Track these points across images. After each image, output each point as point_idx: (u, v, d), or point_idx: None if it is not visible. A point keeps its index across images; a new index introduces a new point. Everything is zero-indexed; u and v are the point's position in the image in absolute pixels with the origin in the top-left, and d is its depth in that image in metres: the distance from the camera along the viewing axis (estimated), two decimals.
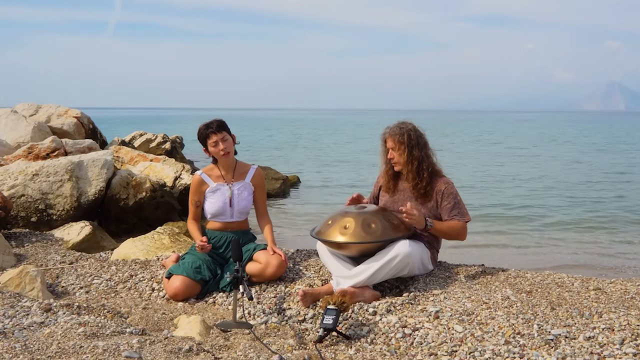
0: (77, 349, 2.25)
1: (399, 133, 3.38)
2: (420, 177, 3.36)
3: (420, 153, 3.37)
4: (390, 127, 3.47)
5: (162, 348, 2.33)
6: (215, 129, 3.48)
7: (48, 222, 5.68)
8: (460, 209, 3.37)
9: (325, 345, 2.65)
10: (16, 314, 2.68)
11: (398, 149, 3.38)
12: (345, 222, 3.23)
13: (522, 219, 8.51)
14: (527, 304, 2.88)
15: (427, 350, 2.54)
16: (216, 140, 3.48)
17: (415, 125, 3.47)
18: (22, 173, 5.81)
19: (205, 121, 3.56)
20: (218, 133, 3.48)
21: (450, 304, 2.91)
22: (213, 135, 3.48)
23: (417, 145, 3.37)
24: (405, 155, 3.35)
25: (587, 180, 13.16)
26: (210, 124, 3.51)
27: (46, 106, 9.56)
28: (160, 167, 7.95)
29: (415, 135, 3.39)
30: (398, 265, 3.15)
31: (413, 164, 3.36)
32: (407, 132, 3.38)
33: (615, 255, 6.40)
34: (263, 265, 3.36)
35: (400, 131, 3.39)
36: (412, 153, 3.35)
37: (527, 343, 2.48)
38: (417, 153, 3.36)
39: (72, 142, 7.29)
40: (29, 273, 3.27)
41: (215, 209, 3.56)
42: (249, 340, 2.60)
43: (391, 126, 3.47)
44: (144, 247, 4.40)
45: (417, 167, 3.35)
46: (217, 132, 3.48)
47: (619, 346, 2.40)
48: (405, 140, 3.35)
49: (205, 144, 3.54)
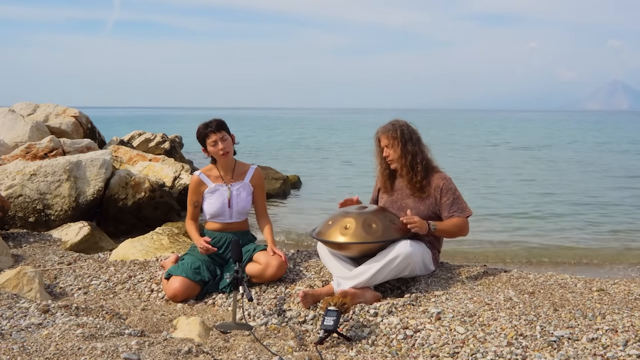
0: (75, 351, 2.24)
1: (392, 129, 3.42)
2: (414, 171, 3.38)
3: (413, 147, 3.40)
4: (383, 125, 3.50)
5: (161, 350, 2.32)
6: (214, 128, 3.46)
7: (46, 223, 5.65)
8: (459, 205, 3.37)
9: (326, 346, 2.64)
10: (14, 315, 2.67)
11: (392, 145, 3.41)
12: (345, 222, 3.22)
13: (526, 219, 8.47)
14: (530, 305, 2.87)
15: (428, 352, 2.53)
16: (215, 139, 3.46)
17: (407, 122, 3.50)
18: (19, 173, 5.79)
19: (205, 120, 3.53)
20: (217, 132, 3.46)
21: (452, 305, 2.90)
22: (212, 135, 3.46)
23: (410, 140, 3.40)
24: (399, 149, 3.38)
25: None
26: (209, 123, 3.48)
27: (44, 105, 9.53)
28: (159, 166, 7.93)
29: (407, 130, 3.43)
30: (399, 266, 3.13)
31: (407, 158, 3.38)
32: (400, 128, 3.42)
33: (619, 256, 6.37)
34: (263, 266, 3.35)
35: (392, 127, 3.43)
36: (406, 147, 3.38)
37: (529, 344, 2.47)
38: (410, 147, 3.39)
39: (70, 142, 7.26)
40: (26, 274, 3.26)
41: (214, 210, 3.54)
42: (249, 342, 2.60)
43: (383, 125, 3.50)
44: (142, 247, 4.38)
45: (411, 161, 3.38)
46: (217, 132, 3.46)
47: (622, 347, 2.40)
48: (399, 135, 3.39)
49: (204, 144, 3.51)
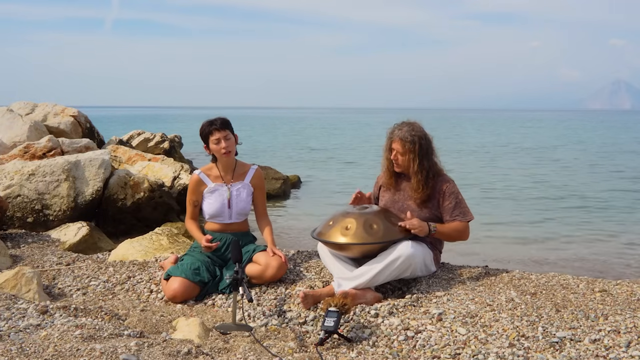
0: (74, 352, 2.23)
1: (410, 140, 3.28)
2: (427, 186, 3.32)
3: (428, 162, 3.32)
4: (401, 128, 3.34)
5: (161, 351, 2.30)
6: (219, 126, 3.44)
7: (44, 223, 5.63)
8: (462, 209, 3.34)
9: (327, 348, 2.63)
10: (12, 316, 2.66)
11: (407, 159, 3.31)
12: (346, 222, 3.20)
13: (530, 219, 8.45)
14: (532, 305, 2.86)
15: (430, 353, 2.52)
16: (219, 137, 3.44)
17: (423, 129, 3.37)
18: (18, 173, 5.77)
19: (209, 118, 3.53)
20: (221, 130, 3.44)
21: (453, 306, 2.89)
22: (216, 132, 3.44)
23: (426, 155, 3.31)
24: (416, 165, 3.28)
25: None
26: (214, 121, 3.47)
27: (43, 105, 9.51)
28: (158, 166, 7.91)
29: (425, 144, 3.31)
30: (400, 267, 3.12)
31: (422, 174, 3.31)
32: (419, 141, 3.28)
33: (622, 257, 6.36)
34: (263, 266, 3.33)
35: (411, 138, 3.28)
36: (422, 164, 3.30)
37: (531, 346, 2.46)
38: (426, 163, 3.31)
39: (69, 142, 7.24)
40: (25, 274, 3.24)
41: (213, 210, 3.52)
42: (248, 343, 2.59)
43: (401, 127, 3.35)
44: (142, 248, 4.37)
45: (425, 177, 3.31)
46: (221, 130, 3.44)
47: (625, 349, 2.39)
48: (417, 150, 3.27)
49: (207, 141, 3.50)
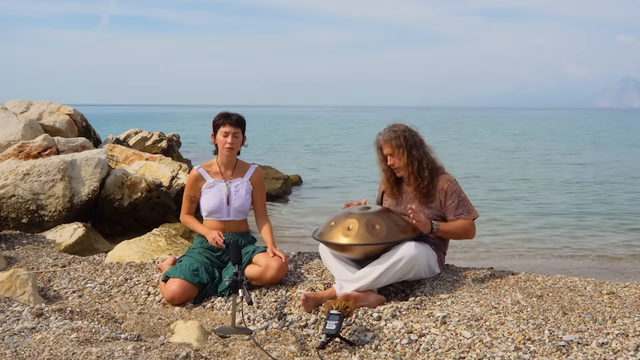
0: (69, 356, 2.21)
1: (394, 137, 3.33)
2: (422, 177, 3.32)
3: (418, 152, 3.33)
4: (382, 133, 3.40)
5: (158, 355, 2.28)
6: (233, 122, 3.49)
7: (39, 224, 5.60)
8: (465, 207, 3.33)
9: (328, 351, 2.61)
10: (6, 319, 2.64)
11: (396, 154, 3.33)
12: (348, 223, 3.18)
13: (534, 220, 8.40)
14: (538, 308, 2.85)
15: (433, 357, 2.50)
16: (228, 131, 3.48)
17: (407, 125, 3.42)
18: (12, 172, 5.73)
19: (228, 111, 3.58)
20: (234, 126, 3.49)
21: (458, 309, 2.87)
22: (228, 126, 3.48)
23: (414, 146, 3.33)
24: (405, 157, 3.31)
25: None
26: (231, 115, 3.53)
27: (37, 103, 9.45)
28: (156, 166, 7.87)
29: (410, 135, 3.35)
30: (403, 268, 3.09)
31: (414, 165, 3.31)
32: (402, 134, 3.33)
33: (630, 259, 6.33)
34: (263, 268, 3.30)
35: (394, 135, 3.33)
36: (412, 154, 3.31)
37: (537, 349, 2.44)
38: (416, 153, 3.32)
39: (65, 141, 7.18)
40: (19, 277, 3.22)
41: (211, 206, 3.51)
42: (248, 347, 2.57)
43: (383, 132, 3.41)
44: (139, 249, 4.34)
45: (417, 168, 3.32)
46: (234, 125, 3.49)
47: (633, 352, 2.36)
48: (402, 143, 3.31)
49: (216, 130, 3.53)
